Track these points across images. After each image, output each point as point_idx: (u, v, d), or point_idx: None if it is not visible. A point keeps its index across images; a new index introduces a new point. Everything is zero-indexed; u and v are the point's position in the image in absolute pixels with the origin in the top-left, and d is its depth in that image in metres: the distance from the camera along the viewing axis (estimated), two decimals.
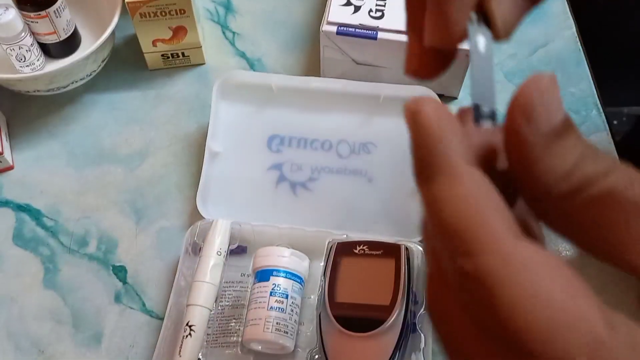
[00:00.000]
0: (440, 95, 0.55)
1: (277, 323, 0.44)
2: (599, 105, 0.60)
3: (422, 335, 0.45)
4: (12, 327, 0.50)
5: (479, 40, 0.21)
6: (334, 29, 0.55)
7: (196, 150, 0.58)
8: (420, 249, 0.48)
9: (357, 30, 0.55)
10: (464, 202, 0.18)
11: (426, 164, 0.20)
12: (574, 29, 0.65)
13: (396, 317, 0.43)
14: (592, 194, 0.18)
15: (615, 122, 1.19)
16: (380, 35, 0.54)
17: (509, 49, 0.63)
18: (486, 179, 0.19)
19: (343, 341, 0.44)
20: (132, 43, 0.63)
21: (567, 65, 0.62)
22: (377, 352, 0.43)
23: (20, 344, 0.50)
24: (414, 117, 0.20)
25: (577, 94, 0.61)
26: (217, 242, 0.48)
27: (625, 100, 1.20)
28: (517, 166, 0.20)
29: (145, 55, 0.61)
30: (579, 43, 0.64)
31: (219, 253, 0.48)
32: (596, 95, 0.61)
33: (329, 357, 0.44)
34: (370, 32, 0.54)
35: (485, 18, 0.22)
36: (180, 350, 0.44)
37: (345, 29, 0.55)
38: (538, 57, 0.63)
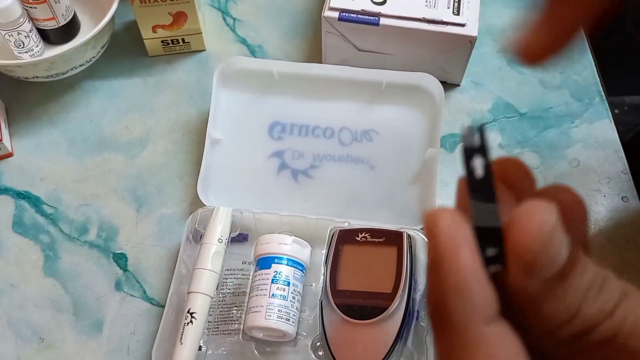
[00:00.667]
0: (443, 83, 0.55)
1: (278, 310, 0.44)
2: (602, 94, 0.60)
3: (424, 322, 0.45)
4: (12, 315, 0.50)
5: (476, 162, 0.18)
6: (335, 14, 0.54)
7: (197, 138, 0.58)
8: (422, 236, 0.48)
9: (359, 16, 0.54)
10: None
11: (446, 315, 0.18)
12: None
13: (398, 305, 0.43)
14: (593, 339, 0.18)
15: (617, 111, 1.19)
16: (383, 21, 0.54)
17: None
18: (511, 337, 0.18)
19: (345, 329, 0.44)
20: (132, 29, 0.63)
21: (570, 52, 0.62)
22: (379, 340, 0.43)
23: (20, 332, 0.50)
24: (432, 242, 0.19)
25: (580, 81, 0.60)
26: (219, 230, 0.48)
27: (628, 90, 1.20)
28: (521, 307, 0.19)
29: (145, 41, 0.61)
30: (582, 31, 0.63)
31: (220, 241, 0.48)
32: (599, 84, 0.60)
33: (330, 344, 0.44)
34: (372, 18, 0.54)
35: None
36: (181, 338, 0.44)
37: (347, 14, 0.54)
38: None
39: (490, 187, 0.18)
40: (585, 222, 0.21)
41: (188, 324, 0.45)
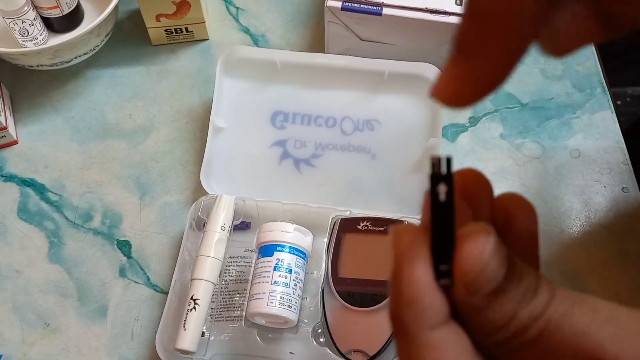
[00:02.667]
0: None
1: (280, 297, 0.45)
2: (604, 84, 0.60)
3: None
4: (17, 300, 0.51)
5: (440, 188, 0.21)
6: (338, 4, 0.54)
7: (200, 126, 0.58)
8: None
9: (362, 5, 0.54)
10: None
11: (401, 323, 0.21)
12: None
13: None
14: (525, 338, 0.20)
15: (619, 102, 1.19)
16: (385, 11, 0.54)
17: None
18: (459, 338, 0.21)
19: (346, 316, 0.44)
20: (136, 18, 0.63)
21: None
22: (379, 327, 0.43)
23: (26, 317, 0.50)
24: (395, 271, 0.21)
25: (582, 71, 0.60)
26: (221, 218, 0.49)
27: (630, 81, 1.19)
28: (465, 315, 0.21)
29: (148, 30, 0.61)
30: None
31: (223, 228, 0.48)
32: (601, 74, 0.60)
33: (332, 331, 0.44)
34: (375, 7, 0.54)
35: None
36: (184, 324, 0.45)
37: (350, 4, 0.54)
38: None
39: (449, 211, 0.21)
40: (534, 228, 0.23)
41: (191, 310, 0.45)
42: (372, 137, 0.55)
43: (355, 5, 0.54)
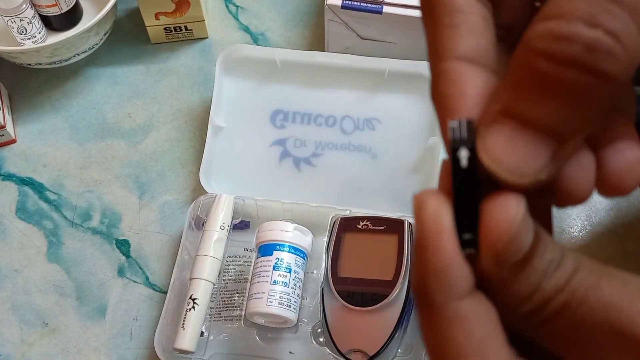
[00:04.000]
0: None
1: (280, 297, 0.44)
2: None
3: None
4: (16, 300, 0.51)
5: (462, 154, 0.20)
6: (339, 2, 0.54)
7: (199, 125, 0.58)
8: None
9: (362, 4, 0.54)
10: (463, 347, 0.20)
11: (426, 295, 0.20)
12: None
13: (399, 292, 0.43)
14: (548, 311, 0.20)
15: None
16: (386, 9, 0.54)
17: None
18: (486, 309, 0.20)
19: (346, 315, 0.44)
20: (135, 16, 0.63)
21: None
22: (379, 327, 0.43)
23: (24, 317, 0.50)
24: (418, 225, 0.21)
25: None
26: (221, 217, 0.48)
27: (633, 80, 1.19)
28: (489, 286, 0.21)
29: (147, 28, 0.61)
30: None
31: (223, 227, 0.48)
32: None
33: (331, 331, 0.44)
34: (375, 6, 0.54)
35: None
36: (183, 323, 0.44)
37: (350, 2, 0.54)
38: None
39: (472, 177, 0.20)
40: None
41: (190, 309, 0.45)
42: (372, 136, 0.54)
43: (355, 3, 0.54)
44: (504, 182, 0.19)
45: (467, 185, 0.20)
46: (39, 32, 0.57)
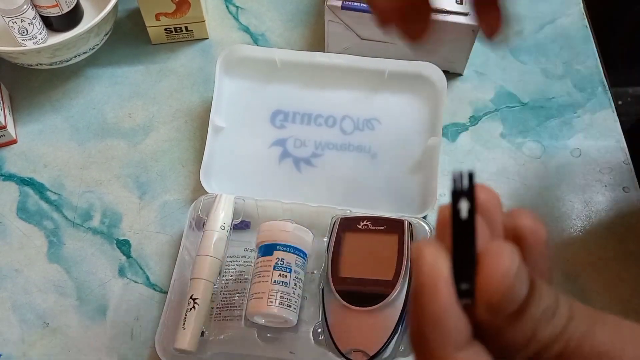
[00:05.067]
0: (445, 72, 0.55)
1: (280, 297, 0.45)
2: (605, 83, 0.60)
3: None
4: (17, 300, 0.51)
5: (462, 205, 0.20)
6: (339, 3, 0.54)
7: (199, 125, 0.58)
8: (424, 224, 0.48)
9: (362, 4, 0.54)
10: None
11: (424, 342, 0.21)
12: (581, 6, 0.64)
13: (399, 292, 0.43)
14: (544, 358, 0.20)
15: (620, 102, 1.19)
16: None
17: (514, 25, 0.62)
18: (482, 358, 0.20)
19: (346, 315, 0.44)
20: (135, 17, 0.63)
21: (574, 42, 0.62)
22: (379, 327, 0.43)
23: (25, 316, 0.50)
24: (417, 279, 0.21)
25: (583, 71, 0.60)
26: (221, 217, 0.48)
27: (631, 81, 1.19)
28: (486, 335, 0.21)
29: (148, 29, 0.61)
30: (586, 20, 0.63)
31: (223, 227, 0.48)
32: (602, 73, 0.60)
33: (331, 331, 0.44)
34: None
35: None
36: (184, 323, 0.45)
37: (350, 3, 0.54)
38: (545, 33, 0.63)
39: (471, 229, 0.21)
40: (544, 246, 0.23)
41: (191, 309, 0.45)
42: (372, 136, 0.55)
43: (355, 4, 0.54)
44: None
45: (466, 236, 0.20)
46: (40, 33, 0.57)
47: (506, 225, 0.23)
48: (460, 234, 0.20)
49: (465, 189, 0.20)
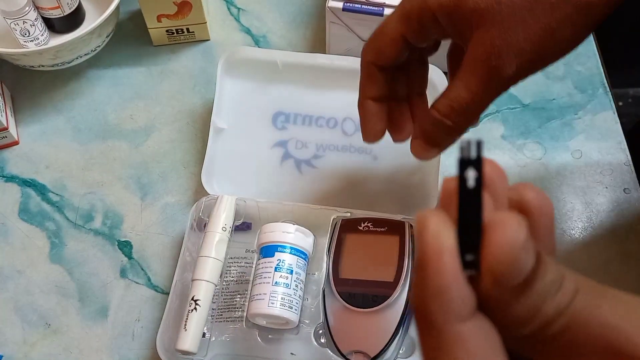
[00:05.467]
0: (446, 73, 0.55)
1: (282, 298, 0.45)
2: (606, 84, 0.60)
3: None
4: (19, 300, 0.51)
5: (469, 174, 0.20)
6: (340, 5, 0.54)
7: (201, 127, 0.58)
8: None
9: (363, 6, 0.54)
10: None
11: (427, 315, 0.20)
12: None
13: (400, 294, 0.43)
14: (549, 333, 0.20)
15: (620, 103, 1.19)
16: (387, 11, 0.54)
17: None
18: (487, 331, 0.20)
19: (347, 317, 0.44)
20: (137, 18, 0.63)
21: None
22: (381, 328, 0.43)
23: (27, 317, 0.50)
24: (420, 244, 0.21)
25: (584, 72, 0.60)
26: (222, 218, 0.49)
27: (632, 82, 1.19)
28: (490, 307, 0.21)
29: (149, 30, 0.61)
30: None
31: (224, 229, 0.48)
32: (603, 74, 0.60)
33: (333, 332, 0.44)
34: (376, 8, 0.54)
35: None
36: (185, 324, 0.45)
37: (351, 5, 0.54)
38: None
39: (478, 198, 0.20)
40: (550, 220, 0.22)
41: (192, 310, 0.45)
42: None
43: (356, 5, 0.54)
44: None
45: (472, 205, 0.20)
46: (42, 35, 0.57)
47: (511, 200, 0.22)
48: (466, 203, 0.20)
49: (472, 158, 0.20)
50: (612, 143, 0.56)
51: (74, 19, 0.59)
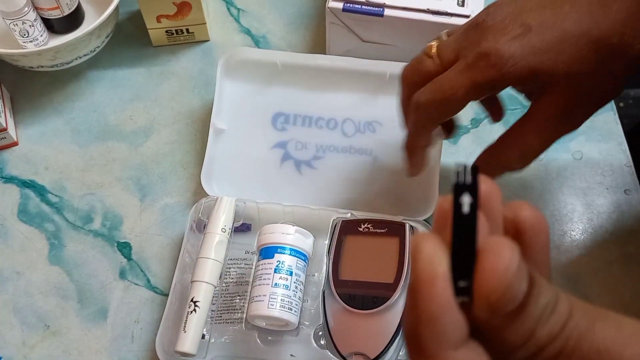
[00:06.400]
0: None
1: (281, 300, 0.44)
2: None
3: None
4: (18, 302, 0.51)
5: (464, 199, 0.20)
6: (340, 5, 0.54)
7: (200, 128, 0.58)
8: (424, 228, 0.48)
9: (363, 7, 0.54)
10: None
11: (419, 340, 0.20)
12: None
13: (400, 295, 0.43)
14: (542, 358, 0.20)
15: (621, 104, 1.19)
16: (387, 12, 0.54)
17: None
18: (477, 357, 0.20)
19: (347, 318, 0.44)
20: (136, 19, 0.63)
21: None
22: (381, 329, 0.43)
23: (26, 319, 0.50)
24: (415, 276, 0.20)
25: None
26: (222, 219, 0.48)
27: (633, 83, 1.19)
28: (483, 333, 0.20)
29: (149, 31, 0.61)
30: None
31: (224, 230, 0.48)
32: None
33: (332, 334, 0.44)
34: (376, 9, 0.54)
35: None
36: (185, 326, 0.44)
37: (351, 5, 0.54)
38: None
39: (472, 225, 0.20)
40: (545, 238, 0.22)
41: (191, 312, 0.45)
42: (373, 139, 0.55)
43: (356, 6, 0.54)
44: None
45: (466, 232, 0.20)
46: (41, 35, 0.57)
47: (506, 217, 0.22)
48: (461, 229, 0.20)
49: (468, 183, 0.20)
50: (612, 144, 0.56)
51: (74, 19, 0.59)
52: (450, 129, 0.46)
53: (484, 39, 0.36)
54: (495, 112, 0.46)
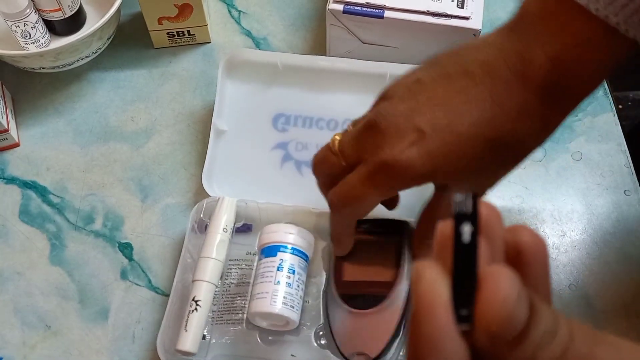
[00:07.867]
0: None
1: (284, 297, 0.44)
2: (606, 87, 0.60)
3: None
4: (19, 302, 0.51)
5: (465, 229, 0.20)
6: (340, 7, 0.54)
7: (202, 129, 0.58)
8: None
9: (363, 9, 0.54)
10: None
11: None
12: None
13: (398, 292, 0.43)
14: None
15: (621, 106, 1.19)
16: (387, 14, 0.54)
17: None
18: None
19: (349, 319, 0.44)
20: (138, 21, 0.63)
21: None
22: (381, 328, 0.43)
23: (27, 319, 0.50)
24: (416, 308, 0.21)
25: None
26: (223, 219, 0.49)
27: (632, 85, 1.19)
28: (481, 358, 0.21)
29: (150, 33, 0.61)
30: None
31: (225, 230, 0.48)
32: None
33: (334, 334, 0.44)
34: (376, 10, 0.54)
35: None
36: (186, 325, 0.45)
37: (351, 7, 0.54)
38: None
39: (473, 253, 0.20)
40: (545, 263, 0.22)
41: (193, 311, 0.45)
42: None
43: (357, 8, 0.54)
44: None
45: (467, 260, 0.20)
46: (43, 37, 0.57)
47: (507, 241, 0.22)
48: (461, 258, 0.20)
49: (468, 212, 0.20)
50: (612, 145, 0.57)
51: (75, 21, 0.60)
52: (393, 204, 0.45)
53: (381, 147, 0.36)
54: (389, 202, 0.45)
